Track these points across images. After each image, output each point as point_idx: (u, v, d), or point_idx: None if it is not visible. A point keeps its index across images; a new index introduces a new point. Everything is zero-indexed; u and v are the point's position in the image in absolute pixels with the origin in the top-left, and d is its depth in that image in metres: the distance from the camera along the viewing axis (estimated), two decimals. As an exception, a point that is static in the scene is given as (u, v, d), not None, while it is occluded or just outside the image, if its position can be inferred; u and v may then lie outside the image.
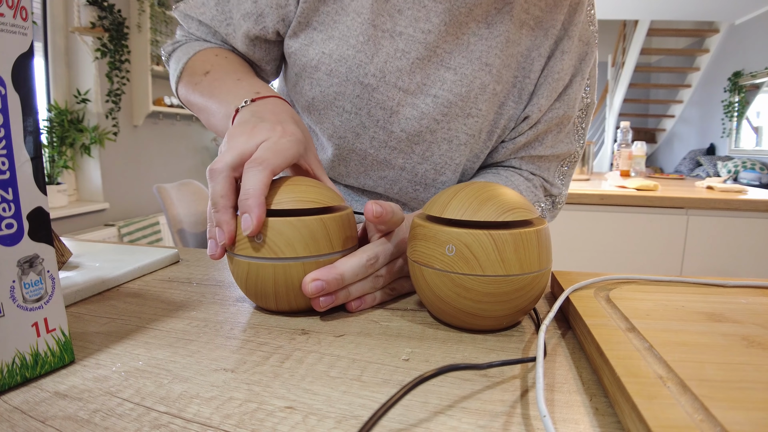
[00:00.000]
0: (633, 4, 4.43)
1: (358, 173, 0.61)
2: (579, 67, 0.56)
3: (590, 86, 0.59)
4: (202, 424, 0.23)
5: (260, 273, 0.35)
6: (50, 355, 0.27)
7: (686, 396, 0.22)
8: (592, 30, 0.56)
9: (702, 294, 0.37)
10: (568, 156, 0.61)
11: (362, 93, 0.53)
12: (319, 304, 0.35)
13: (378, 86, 0.52)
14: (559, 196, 0.64)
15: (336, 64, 0.52)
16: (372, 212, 0.36)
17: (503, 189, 0.34)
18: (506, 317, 0.33)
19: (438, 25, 0.51)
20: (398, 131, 0.55)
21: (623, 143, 2.18)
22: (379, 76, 0.52)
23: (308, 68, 0.53)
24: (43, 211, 0.27)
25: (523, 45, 0.54)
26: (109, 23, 2.72)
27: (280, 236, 0.34)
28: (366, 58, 0.51)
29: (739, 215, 1.56)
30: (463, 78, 0.53)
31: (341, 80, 0.52)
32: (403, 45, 0.51)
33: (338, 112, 0.55)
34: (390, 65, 0.52)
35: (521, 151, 0.59)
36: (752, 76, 4.76)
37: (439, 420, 0.23)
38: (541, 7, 0.53)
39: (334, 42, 0.51)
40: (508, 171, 0.60)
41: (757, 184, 4.14)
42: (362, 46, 0.51)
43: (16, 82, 0.25)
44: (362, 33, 0.51)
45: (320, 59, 0.52)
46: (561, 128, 0.58)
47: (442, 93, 0.53)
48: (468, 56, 0.53)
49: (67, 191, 2.76)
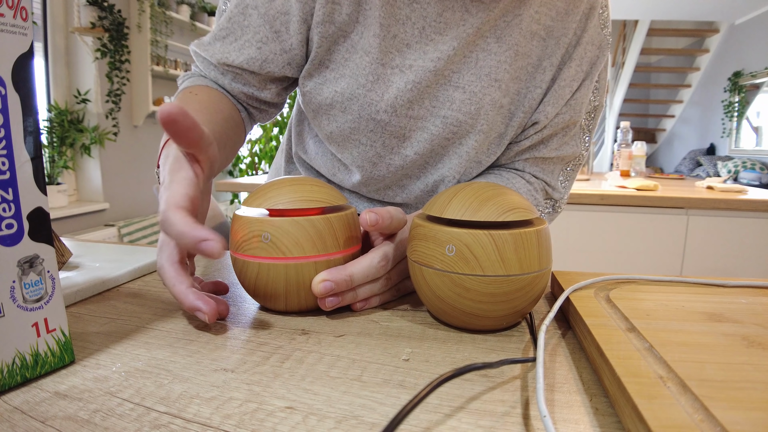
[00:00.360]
0: (633, 4, 4.43)
1: (378, 191, 0.63)
2: (589, 71, 0.55)
3: (599, 89, 0.58)
4: (202, 425, 0.23)
5: (271, 274, 0.35)
6: (50, 356, 0.27)
7: (686, 396, 0.22)
8: (605, 33, 0.55)
9: (702, 294, 0.37)
10: (572, 159, 0.61)
11: (375, 128, 0.54)
12: (326, 304, 0.36)
13: (390, 120, 0.53)
14: (560, 201, 0.63)
15: (348, 102, 0.53)
16: (367, 222, 0.36)
17: (503, 189, 0.34)
18: (506, 317, 0.33)
19: (447, 52, 0.50)
20: (412, 155, 0.57)
21: (623, 143, 2.18)
22: (390, 111, 0.52)
23: (324, 106, 0.54)
24: (43, 211, 0.27)
25: (534, 56, 0.53)
26: (109, 23, 2.72)
27: (288, 236, 0.34)
28: (377, 96, 0.52)
29: (739, 215, 1.56)
30: (472, 96, 0.53)
31: (354, 117, 0.53)
32: (413, 76, 0.51)
33: (355, 144, 0.56)
34: (401, 99, 0.52)
35: (525, 153, 0.59)
36: (752, 76, 4.76)
37: (439, 420, 0.23)
38: (552, 16, 0.52)
39: (345, 81, 0.52)
40: (510, 173, 0.60)
41: (757, 184, 4.14)
42: (372, 85, 0.51)
43: (16, 82, 0.25)
44: (371, 72, 0.51)
45: (333, 98, 0.53)
46: (567, 132, 0.58)
47: (450, 113, 0.53)
48: (477, 73, 0.52)
49: (67, 191, 2.76)
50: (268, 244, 0.34)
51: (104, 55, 2.75)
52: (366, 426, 0.23)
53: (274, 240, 0.34)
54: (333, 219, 0.36)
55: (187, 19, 3.38)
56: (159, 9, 3.04)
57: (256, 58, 0.52)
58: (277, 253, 0.34)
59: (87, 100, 2.73)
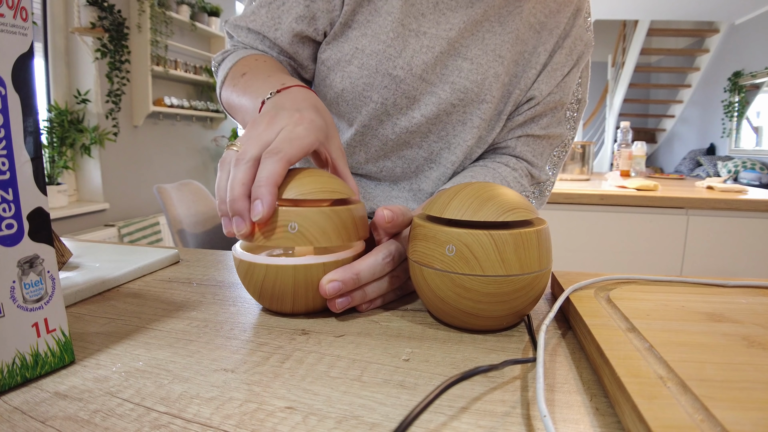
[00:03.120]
0: (633, 4, 4.43)
1: (377, 157, 0.65)
2: (577, 62, 0.64)
3: (582, 85, 0.67)
4: (202, 425, 0.23)
5: (279, 275, 0.35)
6: (50, 356, 0.27)
7: (686, 396, 0.22)
8: (589, 35, 0.64)
9: (702, 294, 0.37)
10: (559, 139, 0.67)
11: (390, 84, 0.57)
12: (335, 305, 0.36)
13: (405, 78, 0.57)
14: (546, 183, 0.68)
15: (367, 58, 0.57)
16: (384, 217, 0.37)
17: (503, 189, 0.34)
18: (506, 317, 0.33)
19: (457, 25, 0.57)
20: (418, 117, 0.60)
21: (623, 143, 2.18)
22: (406, 68, 0.57)
23: (342, 62, 0.58)
24: (44, 211, 0.27)
25: (530, 44, 0.61)
26: (109, 23, 2.72)
27: (315, 225, 0.34)
28: (395, 52, 0.56)
29: (739, 215, 1.56)
30: (479, 67, 0.59)
31: (371, 72, 0.57)
32: (428, 42, 0.57)
33: (365, 102, 0.59)
34: (416, 59, 0.57)
35: (518, 130, 0.64)
36: (752, 76, 4.77)
37: (439, 420, 0.23)
38: (545, 13, 0.60)
39: (367, 39, 0.57)
40: (495, 163, 0.64)
41: (757, 184, 4.14)
42: (392, 41, 0.56)
43: (16, 82, 0.25)
44: (392, 30, 0.56)
45: (353, 54, 0.57)
46: (555, 112, 0.64)
47: (459, 80, 0.59)
48: (483, 48, 0.59)
49: (67, 191, 2.76)
50: (295, 234, 0.34)
51: (104, 56, 2.75)
52: (366, 426, 0.23)
53: (301, 230, 0.34)
54: (353, 210, 0.37)
55: (187, 19, 3.38)
56: (159, 9, 3.04)
57: (305, 15, 0.57)
58: (304, 242, 0.34)
59: (87, 101, 2.73)
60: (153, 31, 3.00)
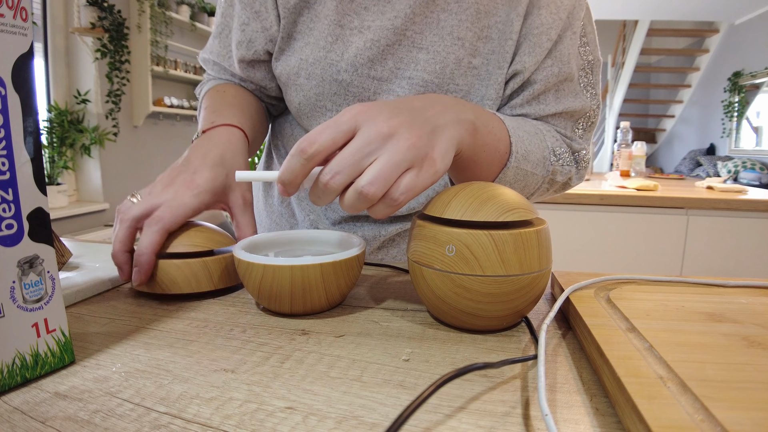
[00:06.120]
0: (633, 4, 4.44)
1: None
2: (568, 21, 0.54)
3: (589, 42, 0.57)
4: (202, 425, 0.23)
5: (276, 275, 0.35)
6: (50, 356, 0.27)
7: (686, 396, 0.22)
8: None
9: (702, 294, 0.37)
10: (581, 113, 0.57)
11: (338, 90, 0.55)
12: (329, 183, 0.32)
13: (352, 80, 0.54)
14: (580, 152, 0.59)
15: (312, 67, 0.55)
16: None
17: (503, 189, 0.34)
18: (506, 317, 0.33)
19: (403, 11, 0.52)
20: None
21: (623, 143, 2.18)
22: (350, 70, 0.54)
23: (292, 76, 0.56)
24: (43, 211, 0.27)
25: (501, 12, 0.53)
26: (109, 24, 2.72)
27: (166, 276, 0.40)
28: (337, 56, 0.54)
29: (739, 215, 1.56)
30: (436, 56, 0.53)
31: (318, 81, 0.55)
32: (372, 35, 0.53)
33: (322, 112, 0.57)
34: (360, 57, 0.53)
35: (521, 112, 0.57)
36: (752, 76, 4.77)
37: (438, 420, 0.23)
38: None
39: (309, 48, 0.54)
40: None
41: (757, 184, 4.14)
42: (331, 46, 0.53)
43: (16, 82, 0.25)
44: (330, 33, 0.53)
45: (300, 66, 0.55)
46: (560, 87, 0.56)
47: (416, 74, 0.54)
48: (439, 33, 0.53)
49: (67, 192, 2.76)
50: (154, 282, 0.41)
51: (104, 56, 2.75)
52: (366, 426, 0.23)
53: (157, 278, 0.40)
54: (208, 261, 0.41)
55: (187, 19, 3.39)
56: (159, 9, 3.04)
57: (242, 40, 0.56)
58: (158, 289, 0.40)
59: (87, 101, 2.73)
60: (153, 31, 3.01)
